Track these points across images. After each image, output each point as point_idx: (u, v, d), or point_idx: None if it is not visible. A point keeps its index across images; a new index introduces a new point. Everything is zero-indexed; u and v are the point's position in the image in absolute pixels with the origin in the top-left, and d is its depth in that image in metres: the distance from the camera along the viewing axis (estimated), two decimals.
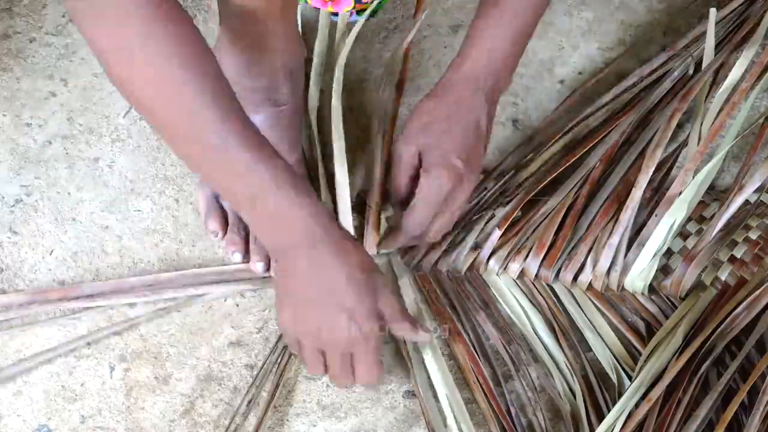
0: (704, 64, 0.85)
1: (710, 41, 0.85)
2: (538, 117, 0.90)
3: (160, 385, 0.74)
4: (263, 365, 0.74)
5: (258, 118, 0.76)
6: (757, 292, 0.74)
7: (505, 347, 0.75)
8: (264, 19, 0.71)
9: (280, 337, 0.75)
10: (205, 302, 0.77)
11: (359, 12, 0.87)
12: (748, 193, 0.79)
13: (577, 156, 0.83)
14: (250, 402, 0.72)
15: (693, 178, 0.77)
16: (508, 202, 0.81)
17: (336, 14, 0.86)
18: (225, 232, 0.78)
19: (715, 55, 0.86)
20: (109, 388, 0.73)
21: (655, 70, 0.89)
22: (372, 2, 0.85)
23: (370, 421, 0.73)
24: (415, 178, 0.71)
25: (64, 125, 0.86)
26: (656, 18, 0.96)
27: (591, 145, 0.84)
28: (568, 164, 0.83)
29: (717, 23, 0.88)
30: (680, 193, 0.77)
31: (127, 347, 0.75)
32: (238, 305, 0.78)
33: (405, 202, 0.73)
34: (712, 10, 0.85)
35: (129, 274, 0.79)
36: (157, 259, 0.80)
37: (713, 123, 0.81)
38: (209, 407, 0.73)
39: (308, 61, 0.83)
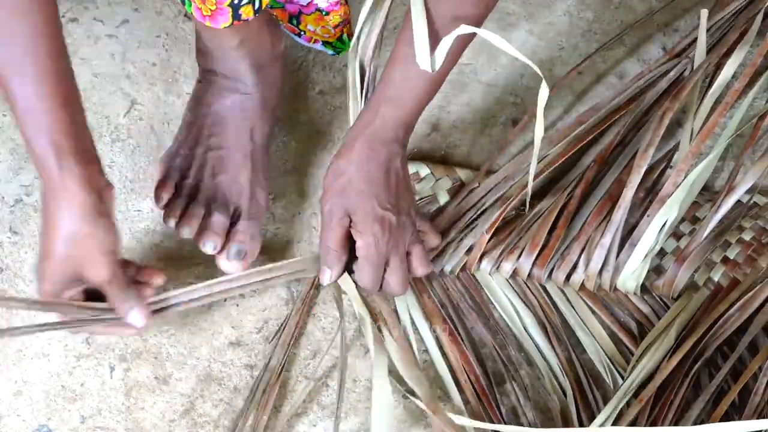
0: (695, 65, 0.84)
1: (701, 42, 0.85)
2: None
3: (160, 385, 0.73)
4: (265, 366, 0.73)
5: (222, 103, 0.77)
6: (750, 294, 0.73)
7: (496, 347, 0.75)
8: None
9: (277, 337, 0.74)
10: (205, 302, 0.76)
11: (325, 44, 0.87)
12: (739, 194, 0.78)
13: (572, 156, 0.82)
14: (250, 402, 0.71)
15: (684, 178, 0.77)
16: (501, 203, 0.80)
17: (336, 52, 0.86)
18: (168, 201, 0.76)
19: (711, 55, 0.85)
20: (109, 388, 0.72)
21: (652, 71, 0.88)
22: (337, 37, 0.85)
23: (370, 421, 0.72)
24: (348, 239, 0.71)
25: None
26: (656, 18, 0.95)
27: (583, 144, 0.83)
28: (562, 162, 0.82)
29: (713, 24, 0.88)
30: (672, 194, 0.76)
31: (127, 347, 0.74)
32: (238, 305, 0.77)
33: (340, 259, 0.72)
34: (703, 12, 0.84)
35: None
36: (157, 259, 0.78)
37: (704, 123, 0.80)
38: (209, 407, 0.72)
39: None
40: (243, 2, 0.64)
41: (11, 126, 0.84)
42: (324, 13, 0.81)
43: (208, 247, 0.73)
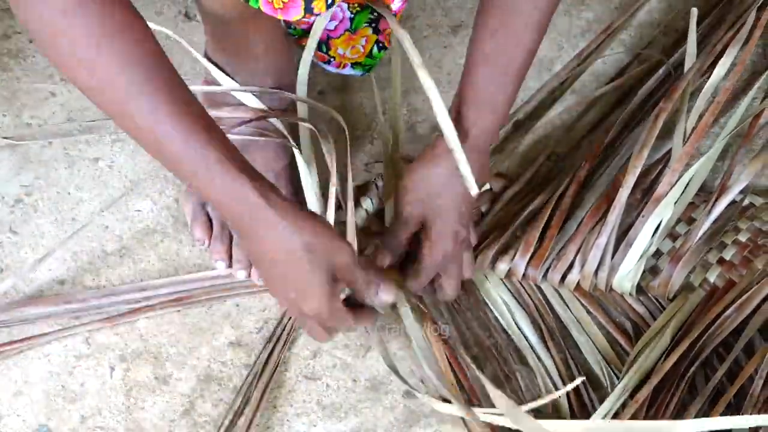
0: (687, 64, 0.83)
1: (692, 41, 0.83)
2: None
3: (160, 385, 0.71)
4: (254, 363, 0.72)
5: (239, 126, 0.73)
6: (746, 295, 0.72)
7: (492, 348, 0.73)
8: (243, 24, 0.68)
9: (273, 336, 0.73)
10: (205, 302, 0.75)
11: (354, 65, 0.85)
12: (733, 194, 0.77)
13: (564, 154, 0.81)
14: (247, 401, 0.70)
15: (679, 179, 0.76)
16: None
17: (366, 71, 0.85)
18: (210, 240, 0.75)
19: (703, 54, 0.84)
20: (109, 388, 0.71)
21: (646, 69, 0.87)
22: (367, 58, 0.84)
23: (370, 421, 0.71)
24: (414, 237, 0.69)
25: (64, 125, 0.83)
26: (656, 18, 0.94)
27: (577, 143, 0.82)
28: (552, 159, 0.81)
29: (708, 23, 0.87)
30: (667, 194, 0.75)
31: (127, 347, 0.73)
32: (238, 305, 0.76)
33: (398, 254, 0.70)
34: (693, 10, 0.83)
35: (129, 273, 0.76)
36: (157, 259, 0.77)
37: (698, 123, 0.79)
38: (209, 407, 0.71)
39: None
40: None
41: (11, 126, 0.83)
42: (393, 14, 0.78)
43: (242, 274, 0.74)
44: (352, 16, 0.80)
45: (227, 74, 0.74)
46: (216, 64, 0.74)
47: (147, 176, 0.81)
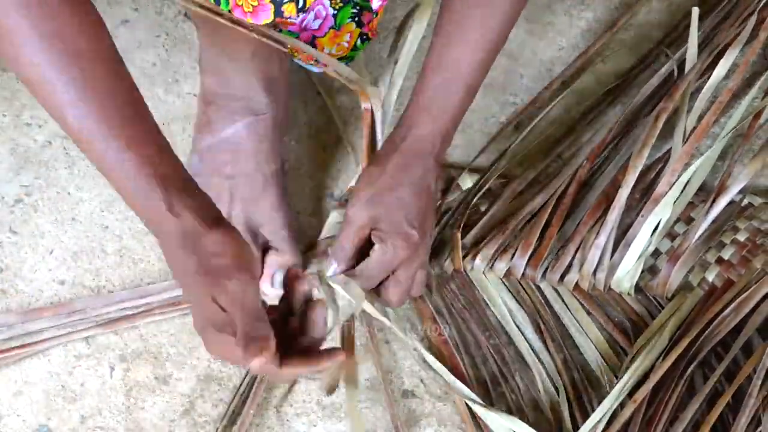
0: (688, 64, 0.83)
1: (693, 40, 0.83)
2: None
3: (160, 385, 0.71)
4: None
5: (235, 127, 0.73)
6: (744, 295, 0.72)
7: (491, 349, 0.73)
8: (227, 28, 0.67)
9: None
10: None
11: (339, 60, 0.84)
12: (731, 194, 0.77)
13: (562, 153, 0.81)
14: (247, 401, 0.70)
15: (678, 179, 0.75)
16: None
17: (349, 61, 0.84)
18: None
19: (704, 54, 0.83)
20: (109, 388, 0.71)
21: (646, 68, 0.87)
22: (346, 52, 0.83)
23: (370, 421, 0.71)
24: (364, 243, 0.68)
25: None
26: (656, 18, 0.94)
27: (571, 142, 0.82)
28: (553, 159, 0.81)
29: (710, 23, 0.86)
30: (666, 194, 0.75)
31: (127, 347, 0.72)
32: None
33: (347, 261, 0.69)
34: (695, 9, 0.82)
35: (129, 273, 0.76)
36: (157, 259, 0.77)
37: (698, 123, 0.79)
38: (209, 407, 0.71)
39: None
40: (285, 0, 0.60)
41: (11, 126, 0.82)
42: (374, 14, 0.78)
43: None
44: (335, 12, 0.79)
45: (228, 82, 0.73)
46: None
47: None
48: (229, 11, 0.61)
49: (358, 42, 0.83)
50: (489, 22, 0.63)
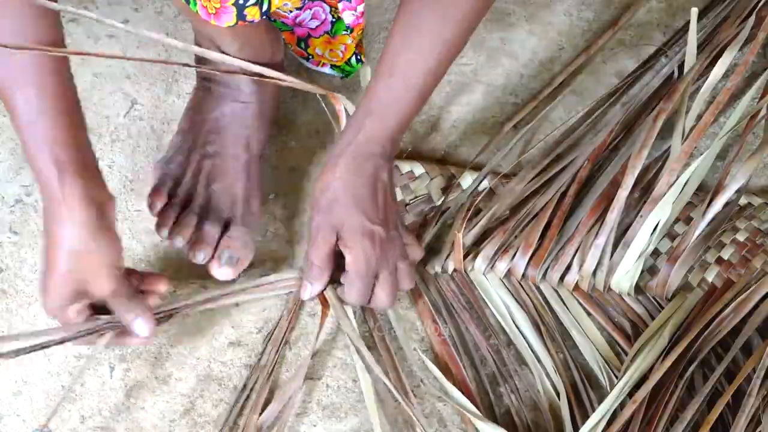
0: (687, 64, 0.83)
1: (692, 41, 0.83)
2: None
3: (160, 385, 0.71)
4: (254, 363, 0.71)
5: (220, 111, 0.75)
6: (744, 295, 0.72)
7: (490, 349, 0.73)
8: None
9: (273, 336, 0.73)
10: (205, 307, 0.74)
11: (333, 67, 0.85)
12: (729, 193, 0.77)
13: (562, 153, 0.81)
14: (247, 401, 0.69)
15: (677, 179, 0.75)
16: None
17: (345, 75, 0.85)
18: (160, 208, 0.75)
19: (703, 54, 0.83)
20: (109, 388, 0.70)
21: (647, 69, 0.87)
22: (347, 60, 0.83)
23: (370, 421, 0.70)
24: (335, 255, 0.69)
25: None
26: (656, 18, 0.94)
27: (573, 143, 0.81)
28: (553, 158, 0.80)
29: (710, 23, 0.86)
30: (665, 194, 0.75)
31: (127, 347, 0.72)
32: (238, 305, 0.75)
33: (327, 274, 0.70)
34: (694, 10, 0.82)
35: None
36: (157, 259, 0.76)
37: (697, 123, 0.78)
38: (209, 407, 0.70)
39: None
40: (248, 3, 0.62)
41: (11, 126, 0.82)
42: (349, 30, 0.78)
43: (199, 257, 0.72)
44: (333, 20, 0.80)
45: (216, 68, 0.73)
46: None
47: (147, 176, 0.80)
48: (196, 12, 0.62)
49: (353, 60, 0.83)
50: (443, 29, 0.63)
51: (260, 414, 0.68)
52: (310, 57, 0.84)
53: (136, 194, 0.79)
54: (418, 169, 0.82)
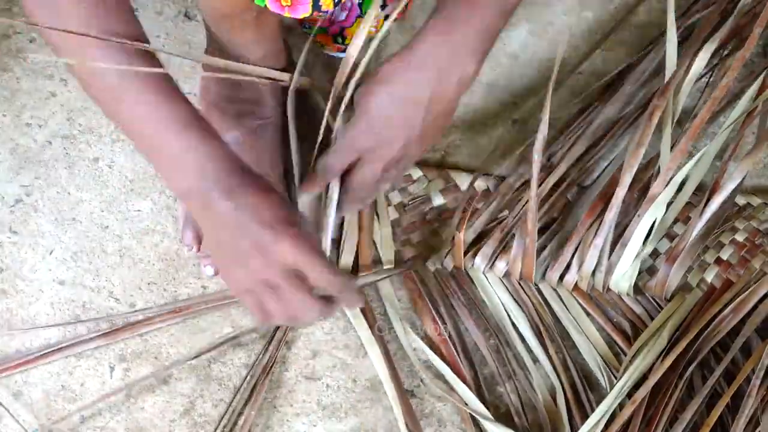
0: (667, 62, 0.81)
1: (672, 37, 0.80)
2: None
3: (160, 385, 0.71)
4: (254, 363, 0.71)
5: (241, 131, 0.72)
6: (743, 295, 0.72)
7: (489, 347, 0.73)
8: (241, 29, 0.67)
9: (273, 336, 0.72)
10: (205, 311, 0.74)
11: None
12: (727, 191, 0.76)
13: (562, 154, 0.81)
14: (247, 401, 0.69)
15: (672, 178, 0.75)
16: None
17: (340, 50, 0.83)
18: (199, 246, 0.74)
19: (689, 50, 0.82)
20: (109, 388, 0.70)
21: (645, 69, 0.86)
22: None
23: (370, 421, 0.70)
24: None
25: (64, 125, 0.82)
26: (656, 18, 0.94)
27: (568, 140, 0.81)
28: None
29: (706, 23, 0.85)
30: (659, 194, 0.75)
31: (127, 347, 0.72)
32: (237, 305, 0.75)
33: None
34: (670, 1, 0.80)
35: (129, 274, 0.75)
36: (157, 259, 0.76)
37: (691, 122, 0.78)
38: (209, 407, 0.70)
39: None
40: None
41: (11, 126, 0.82)
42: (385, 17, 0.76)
43: (209, 271, 0.74)
44: (361, 1, 0.78)
45: (225, 81, 0.72)
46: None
47: (147, 176, 0.80)
48: (265, 6, 0.58)
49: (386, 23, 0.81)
50: None
51: (260, 414, 0.68)
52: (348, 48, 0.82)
53: (136, 194, 0.79)
54: (416, 172, 0.82)
